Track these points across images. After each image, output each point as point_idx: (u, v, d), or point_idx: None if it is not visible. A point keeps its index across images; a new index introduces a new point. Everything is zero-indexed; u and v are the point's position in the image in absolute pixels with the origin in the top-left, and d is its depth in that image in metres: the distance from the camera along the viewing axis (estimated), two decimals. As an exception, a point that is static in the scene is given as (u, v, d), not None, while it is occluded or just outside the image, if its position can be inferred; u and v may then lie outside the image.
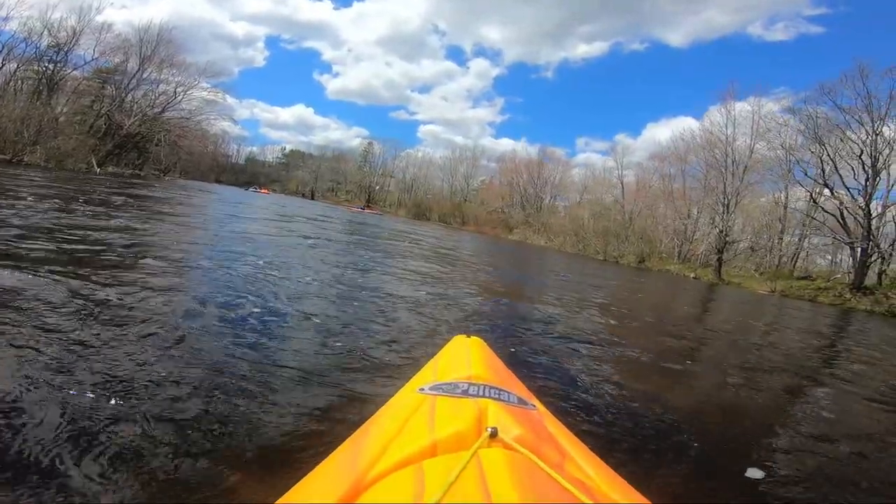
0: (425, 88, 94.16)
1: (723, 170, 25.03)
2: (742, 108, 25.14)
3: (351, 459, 0.72)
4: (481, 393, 0.84)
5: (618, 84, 76.63)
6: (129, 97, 26.45)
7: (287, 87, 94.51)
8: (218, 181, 49.48)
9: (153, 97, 26.90)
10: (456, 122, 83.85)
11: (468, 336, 1.22)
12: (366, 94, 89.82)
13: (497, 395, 0.84)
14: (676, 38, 70.55)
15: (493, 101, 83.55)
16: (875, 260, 20.27)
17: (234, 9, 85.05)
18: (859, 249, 19.92)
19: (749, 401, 2.90)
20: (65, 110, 24.22)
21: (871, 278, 20.29)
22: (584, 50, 76.94)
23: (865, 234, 19.77)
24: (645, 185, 34.07)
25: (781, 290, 20.96)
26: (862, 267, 19.78)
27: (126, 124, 25.04)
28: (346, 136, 79.07)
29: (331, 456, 0.81)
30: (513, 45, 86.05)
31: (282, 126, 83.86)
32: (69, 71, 25.30)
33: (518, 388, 0.98)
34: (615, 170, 38.53)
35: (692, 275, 24.23)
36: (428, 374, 1.05)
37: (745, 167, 24.43)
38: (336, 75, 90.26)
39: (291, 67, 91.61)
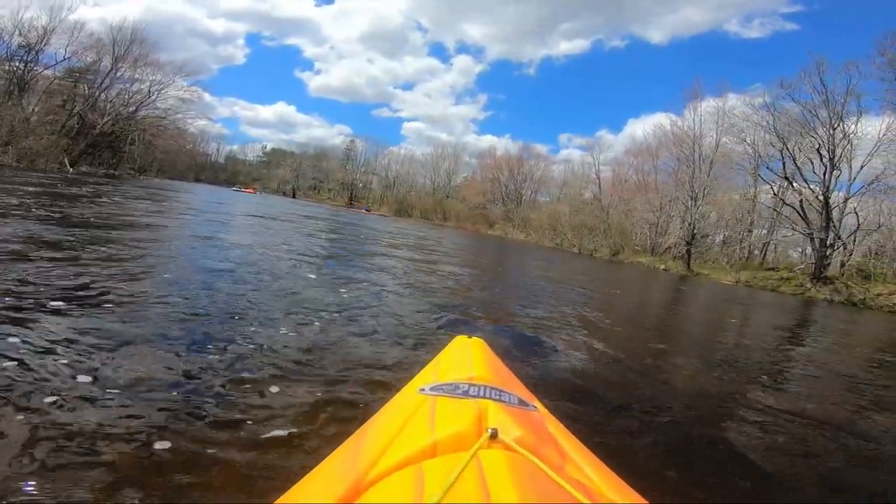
0: (408, 85, 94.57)
1: (691, 165, 25.73)
2: (712, 104, 25.92)
3: (351, 459, 0.73)
4: (482, 394, 0.85)
5: (600, 81, 77.96)
6: (103, 96, 26.24)
7: (268, 85, 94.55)
8: (198, 180, 49.09)
9: (127, 96, 26.75)
10: (439, 119, 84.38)
11: (469, 337, 1.22)
12: (348, 91, 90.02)
13: (498, 396, 0.84)
14: (656, 35, 71.82)
15: (477, 97, 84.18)
16: (837, 250, 21.07)
17: (212, 5, 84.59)
18: (818, 240, 20.63)
19: (733, 395, 2.99)
20: (36, 110, 23.99)
21: (835, 269, 21.08)
22: (566, 47, 77.92)
23: (824, 225, 20.49)
24: (620, 179, 34.79)
25: (746, 281, 21.67)
26: (821, 257, 20.50)
27: (99, 124, 24.89)
28: (329, 134, 79.25)
29: (331, 456, 0.82)
30: (495, 42, 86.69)
31: (263, 124, 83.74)
32: (40, 70, 25.11)
33: (519, 390, 0.99)
34: (593, 165, 39.30)
35: (662, 266, 24.88)
36: (429, 375, 1.05)
37: (712, 162, 25.13)
38: (318, 72, 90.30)
39: (272, 65, 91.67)
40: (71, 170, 22.31)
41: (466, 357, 1.08)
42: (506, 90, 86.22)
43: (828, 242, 20.41)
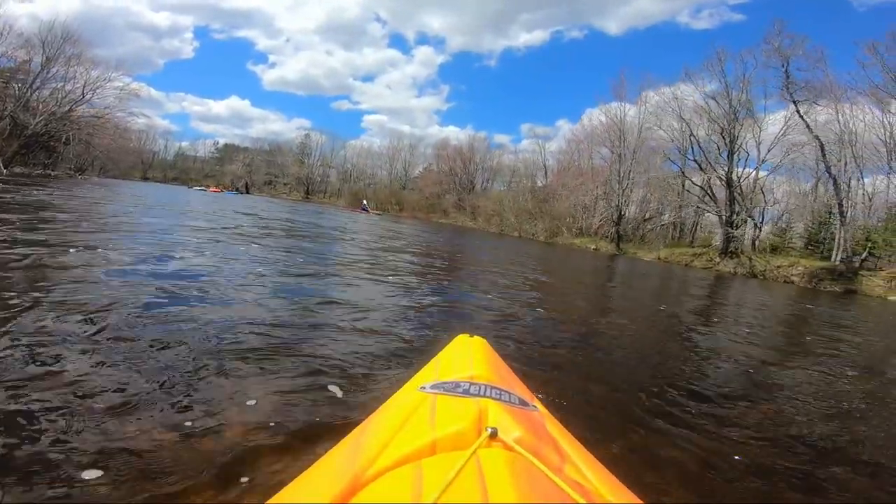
0: (368, 77, 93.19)
1: (617, 150, 27.49)
2: (648, 94, 27.70)
3: (350, 456, 0.73)
4: (482, 392, 0.84)
5: (559, 71, 79.27)
6: (35, 96, 25.82)
7: (219, 79, 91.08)
8: (145, 178, 48.18)
9: (60, 95, 26.35)
10: (401, 111, 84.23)
11: (471, 336, 1.22)
12: (306, 84, 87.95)
13: (498, 396, 0.84)
14: (613, 26, 73.43)
15: (439, 88, 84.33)
16: (746, 226, 23.09)
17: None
18: (724, 217, 22.59)
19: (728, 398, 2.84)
20: (-35, 112, 23.59)
21: (749, 244, 23.09)
22: (525, 38, 78.76)
23: (728, 203, 22.45)
24: (562, 167, 36.52)
25: (664, 258, 23.54)
26: (727, 233, 22.48)
27: (31, 124, 24.58)
28: (287, 128, 77.61)
29: (330, 452, 0.82)
30: (456, 33, 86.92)
31: (215, 119, 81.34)
32: (-32, 71, 24.57)
33: (520, 389, 0.99)
34: (541, 154, 41.17)
35: (593, 247, 26.60)
36: (429, 373, 1.06)
37: (635, 148, 26.94)
38: (273, 65, 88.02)
39: (223, 58, 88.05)
40: (5, 171, 22.16)
41: (467, 356, 1.09)
42: (468, 81, 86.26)
43: (732, 220, 22.37)
